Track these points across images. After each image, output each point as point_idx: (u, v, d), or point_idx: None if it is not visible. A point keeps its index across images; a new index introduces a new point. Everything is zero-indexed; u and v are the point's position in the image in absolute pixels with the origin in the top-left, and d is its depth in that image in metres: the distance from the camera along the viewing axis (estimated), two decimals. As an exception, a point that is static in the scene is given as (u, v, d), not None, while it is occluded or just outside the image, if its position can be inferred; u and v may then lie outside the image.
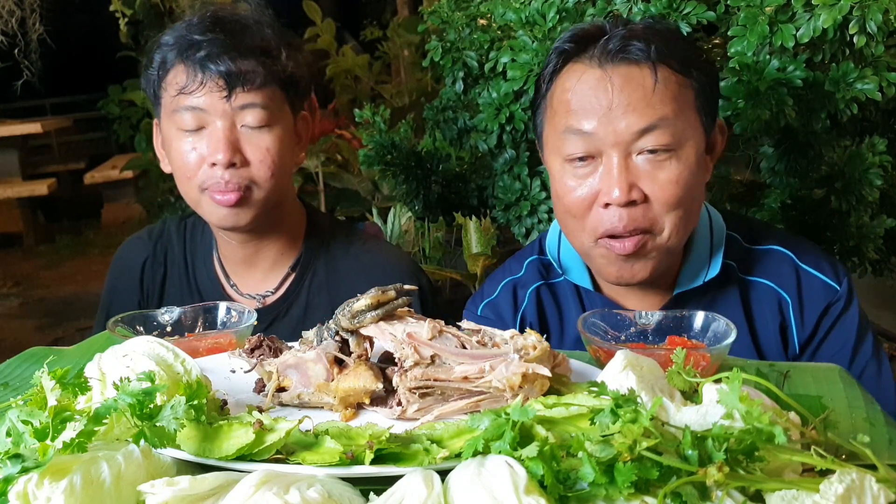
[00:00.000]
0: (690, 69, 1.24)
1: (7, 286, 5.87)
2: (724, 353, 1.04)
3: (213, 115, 1.45)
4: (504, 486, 0.65)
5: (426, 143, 2.23)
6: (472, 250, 2.91)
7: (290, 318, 1.61)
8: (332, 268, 1.63)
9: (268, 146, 1.47)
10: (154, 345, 0.93)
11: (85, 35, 7.91)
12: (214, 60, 1.43)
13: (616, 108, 1.20)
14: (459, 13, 2.02)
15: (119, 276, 1.73)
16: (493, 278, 1.53)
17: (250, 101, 1.45)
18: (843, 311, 1.35)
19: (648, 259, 1.27)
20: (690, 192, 1.24)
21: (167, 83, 1.48)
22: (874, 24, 1.46)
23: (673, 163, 1.22)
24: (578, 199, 1.26)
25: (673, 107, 1.21)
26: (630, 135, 1.20)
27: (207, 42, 1.44)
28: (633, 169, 1.22)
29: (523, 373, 0.86)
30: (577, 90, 1.24)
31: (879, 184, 1.68)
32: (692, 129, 1.24)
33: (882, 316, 3.04)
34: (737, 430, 0.67)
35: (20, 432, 0.73)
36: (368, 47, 6.30)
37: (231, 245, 1.61)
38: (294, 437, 0.78)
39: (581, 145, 1.24)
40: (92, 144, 8.67)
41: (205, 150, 1.46)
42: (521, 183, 1.96)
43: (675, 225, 1.25)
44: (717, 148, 1.33)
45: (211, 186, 1.47)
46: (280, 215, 1.58)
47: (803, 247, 1.41)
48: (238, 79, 1.43)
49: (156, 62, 1.50)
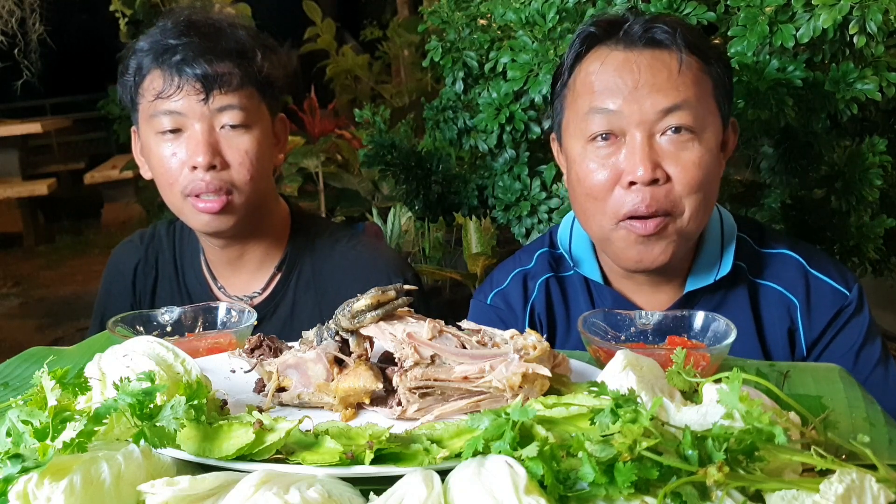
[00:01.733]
0: (710, 60, 1.27)
1: (7, 286, 5.87)
2: (724, 353, 1.04)
3: (191, 118, 1.45)
4: (504, 486, 0.65)
5: (426, 143, 2.23)
6: (472, 250, 2.92)
7: (277, 317, 1.61)
8: (318, 266, 1.63)
9: (246, 148, 1.48)
10: (154, 345, 0.93)
11: (85, 35, 7.91)
12: (190, 64, 1.43)
13: (642, 88, 1.22)
14: (459, 13, 2.02)
15: (112, 280, 1.74)
16: (503, 268, 1.53)
17: (228, 103, 1.46)
18: (852, 315, 1.35)
19: (669, 242, 1.27)
20: (709, 177, 1.25)
21: (143, 89, 1.49)
22: (874, 25, 1.46)
23: (695, 145, 1.23)
24: (600, 181, 1.27)
25: (695, 91, 1.23)
26: (655, 113, 1.22)
27: (183, 46, 1.45)
28: (656, 148, 1.23)
29: (523, 373, 0.86)
30: (602, 72, 1.26)
31: (879, 184, 1.68)
32: (712, 116, 1.26)
33: (882, 316, 3.04)
34: (737, 430, 0.67)
35: (20, 432, 0.73)
36: (368, 47, 6.30)
37: (215, 249, 1.62)
38: (294, 437, 0.78)
39: (605, 123, 1.25)
40: (92, 144, 8.66)
41: (184, 155, 1.46)
42: (521, 183, 1.96)
43: (695, 209, 1.25)
44: (730, 146, 1.34)
45: (193, 191, 1.47)
46: (262, 217, 1.59)
47: (813, 253, 1.41)
48: (215, 81, 1.44)
49: (131, 68, 1.50)
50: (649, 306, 1.38)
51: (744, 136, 1.75)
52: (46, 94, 7.27)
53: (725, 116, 1.31)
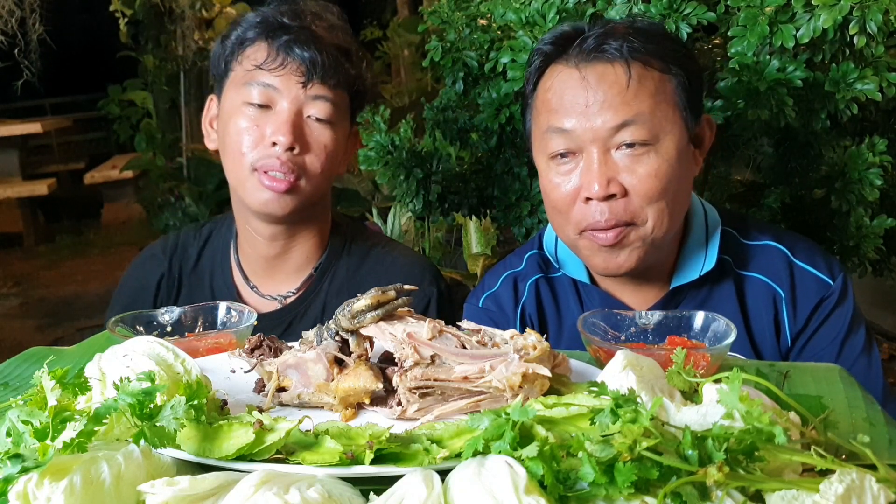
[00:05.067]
0: (670, 65, 1.28)
1: (7, 286, 5.87)
2: (724, 353, 1.04)
3: (284, 96, 1.45)
4: (504, 486, 0.65)
5: (426, 143, 2.23)
6: (472, 250, 2.92)
7: (308, 318, 1.60)
8: (353, 270, 1.63)
9: (326, 142, 1.48)
10: (154, 345, 0.93)
11: (85, 35, 7.92)
12: (301, 45, 1.44)
13: (592, 106, 1.25)
14: (459, 13, 2.02)
15: (136, 297, 1.68)
16: (494, 272, 1.56)
17: (323, 94, 1.46)
18: (835, 305, 1.37)
19: (632, 249, 1.30)
20: (671, 184, 1.27)
21: (244, 56, 1.49)
22: (874, 25, 1.46)
23: (651, 156, 1.25)
24: (562, 195, 1.30)
25: (649, 102, 1.25)
26: (606, 131, 1.24)
27: (296, 28, 1.46)
28: (611, 164, 1.26)
29: (523, 373, 0.86)
30: (557, 90, 1.29)
31: (879, 184, 1.68)
32: (671, 123, 1.27)
33: (882, 316, 3.04)
34: (737, 430, 0.67)
35: (20, 432, 0.73)
36: (368, 47, 6.30)
37: (257, 243, 1.59)
38: (294, 437, 0.78)
39: (562, 143, 1.28)
40: (92, 144, 8.68)
41: (267, 129, 1.45)
42: (521, 183, 1.96)
43: (658, 217, 1.27)
44: (706, 142, 1.36)
45: (264, 166, 1.46)
46: (313, 215, 1.59)
47: (798, 243, 1.43)
48: (318, 69, 1.44)
49: (234, 36, 1.51)
50: (636, 304, 1.41)
51: (744, 136, 1.75)
52: (46, 94, 7.28)
53: (695, 116, 1.31)
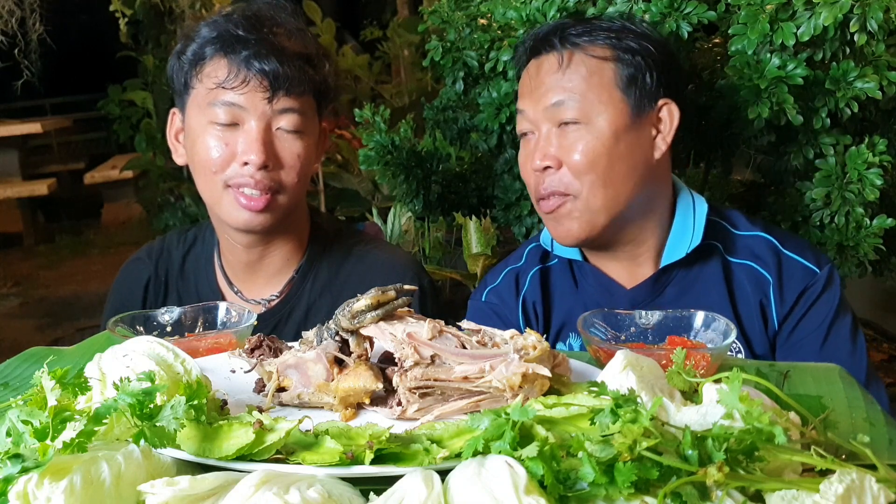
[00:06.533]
0: (619, 53, 1.39)
1: (7, 286, 5.87)
2: (724, 353, 1.04)
3: (251, 113, 1.43)
4: (504, 486, 0.65)
5: (426, 143, 2.23)
6: (472, 250, 2.91)
7: (292, 321, 1.59)
8: (335, 269, 1.62)
9: (298, 152, 1.46)
10: (154, 345, 0.93)
11: (85, 35, 7.92)
12: (261, 59, 1.40)
13: (535, 90, 1.43)
14: (459, 13, 2.02)
15: (123, 301, 1.68)
16: (496, 270, 1.64)
17: (290, 106, 1.44)
18: (821, 292, 1.43)
19: (572, 220, 1.42)
20: (601, 160, 1.38)
21: (203, 74, 1.45)
22: (875, 23, 1.46)
23: (581, 133, 1.38)
24: (523, 169, 1.49)
25: (581, 86, 1.38)
26: (543, 109, 1.41)
27: (254, 40, 1.42)
28: (551, 139, 1.41)
29: (523, 373, 0.86)
30: (523, 79, 1.50)
31: (879, 184, 1.67)
32: (604, 105, 1.38)
33: (882, 316, 3.03)
34: (737, 430, 0.67)
35: (20, 432, 0.73)
36: (368, 47, 6.30)
37: (236, 249, 1.59)
38: (294, 437, 0.78)
39: (525, 123, 1.47)
40: (92, 144, 8.67)
41: (237, 148, 1.44)
42: (521, 183, 1.95)
43: (590, 189, 1.39)
44: (668, 124, 1.43)
45: (238, 183, 1.44)
46: (290, 221, 1.57)
47: (788, 236, 1.50)
48: (282, 82, 1.41)
49: (190, 51, 1.47)
50: (626, 281, 1.50)
51: (744, 135, 1.75)
52: (46, 94, 7.28)
53: (649, 101, 1.40)
